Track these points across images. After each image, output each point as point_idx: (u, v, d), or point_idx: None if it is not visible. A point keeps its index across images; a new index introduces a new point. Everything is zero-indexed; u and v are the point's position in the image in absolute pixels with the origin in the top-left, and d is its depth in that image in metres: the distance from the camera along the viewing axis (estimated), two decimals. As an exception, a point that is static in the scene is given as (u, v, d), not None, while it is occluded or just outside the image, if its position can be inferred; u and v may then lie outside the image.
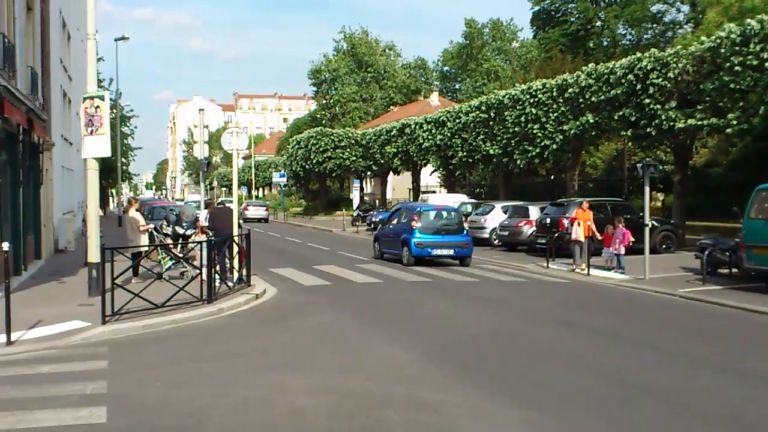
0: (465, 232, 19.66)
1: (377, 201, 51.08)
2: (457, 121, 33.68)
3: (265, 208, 49.14)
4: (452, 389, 7.00)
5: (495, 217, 25.29)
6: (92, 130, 12.36)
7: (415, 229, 18.95)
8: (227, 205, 18.38)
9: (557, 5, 57.40)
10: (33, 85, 17.89)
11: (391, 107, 73.50)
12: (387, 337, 9.61)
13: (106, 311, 9.93)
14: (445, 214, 20.10)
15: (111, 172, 48.83)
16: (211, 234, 14.20)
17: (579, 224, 17.36)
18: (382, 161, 44.67)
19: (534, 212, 23.14)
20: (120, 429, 5.83)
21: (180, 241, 15.51)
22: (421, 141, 37.60)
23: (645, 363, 8.23)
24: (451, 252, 19.17)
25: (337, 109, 73.30)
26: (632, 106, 22.16)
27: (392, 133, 42.49)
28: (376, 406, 6.39)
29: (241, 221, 20.99)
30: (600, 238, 17.55)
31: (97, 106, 12.30)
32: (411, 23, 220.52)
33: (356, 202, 43.14)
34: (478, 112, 31.67)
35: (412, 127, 39.36)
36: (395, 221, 20.93)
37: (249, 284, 13.85)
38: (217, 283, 12.39)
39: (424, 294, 13.93)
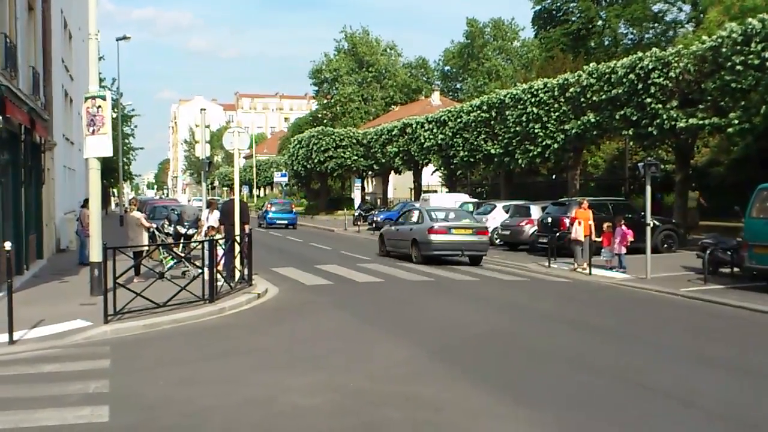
0: (293, 212, 39.33)
1: (379, 200, 51.08)
2: (459, 120, 33.66)
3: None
4: (454, 388, 7.00)
5: (496, 217, 25.25)
6: (94, 130, 12.37)
7: (269, 211, 38.93)
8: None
9: (558, 4, 57.31)
10: (35, 85, 17.90)
11: (392, 107, 73.47)
12: (389, 336, 9.62)
13: (108, 310, 9.94)
14: (283, 204, 40.67)
15: (112, 171, 48.91)
16: (213, 232, 14.16)
17: (579, 223, 17.32)
18: (384, 161, 44.65)
19: (535, 212, 23.11)
20: (122, 428, 5.84)
21: (182, 241, 15.50)
22: (423, 140, 37.59)
23: (648, 362, 8.23)
24: (285, 222, 37.85)
25: (338, 108, 73.26)
26: (633, 105, 22.14)
27: (393, 133, 42.47)
28: (377, 405, 6.39)
29: None
30: (597, 239, 17.39)
31: (99, 106, 12.31)
32: (412, 23, 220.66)
33: (358, 201, 43.16)
34: (479, 111, 31.67)
35: (414, 126, 39.33)
36: (263, 209, 41.20)
37: (251, 283, 13.84)
38: (218, 283, 12.40)
39: (426, 293, 13.93)
